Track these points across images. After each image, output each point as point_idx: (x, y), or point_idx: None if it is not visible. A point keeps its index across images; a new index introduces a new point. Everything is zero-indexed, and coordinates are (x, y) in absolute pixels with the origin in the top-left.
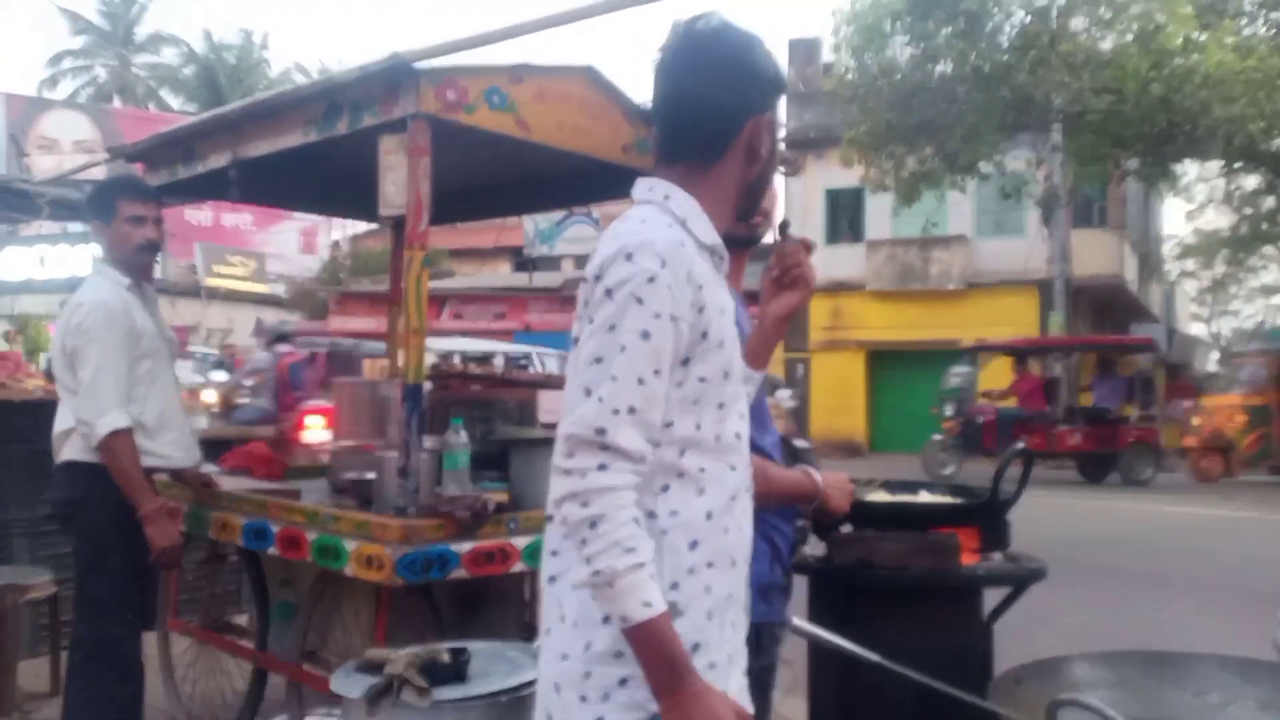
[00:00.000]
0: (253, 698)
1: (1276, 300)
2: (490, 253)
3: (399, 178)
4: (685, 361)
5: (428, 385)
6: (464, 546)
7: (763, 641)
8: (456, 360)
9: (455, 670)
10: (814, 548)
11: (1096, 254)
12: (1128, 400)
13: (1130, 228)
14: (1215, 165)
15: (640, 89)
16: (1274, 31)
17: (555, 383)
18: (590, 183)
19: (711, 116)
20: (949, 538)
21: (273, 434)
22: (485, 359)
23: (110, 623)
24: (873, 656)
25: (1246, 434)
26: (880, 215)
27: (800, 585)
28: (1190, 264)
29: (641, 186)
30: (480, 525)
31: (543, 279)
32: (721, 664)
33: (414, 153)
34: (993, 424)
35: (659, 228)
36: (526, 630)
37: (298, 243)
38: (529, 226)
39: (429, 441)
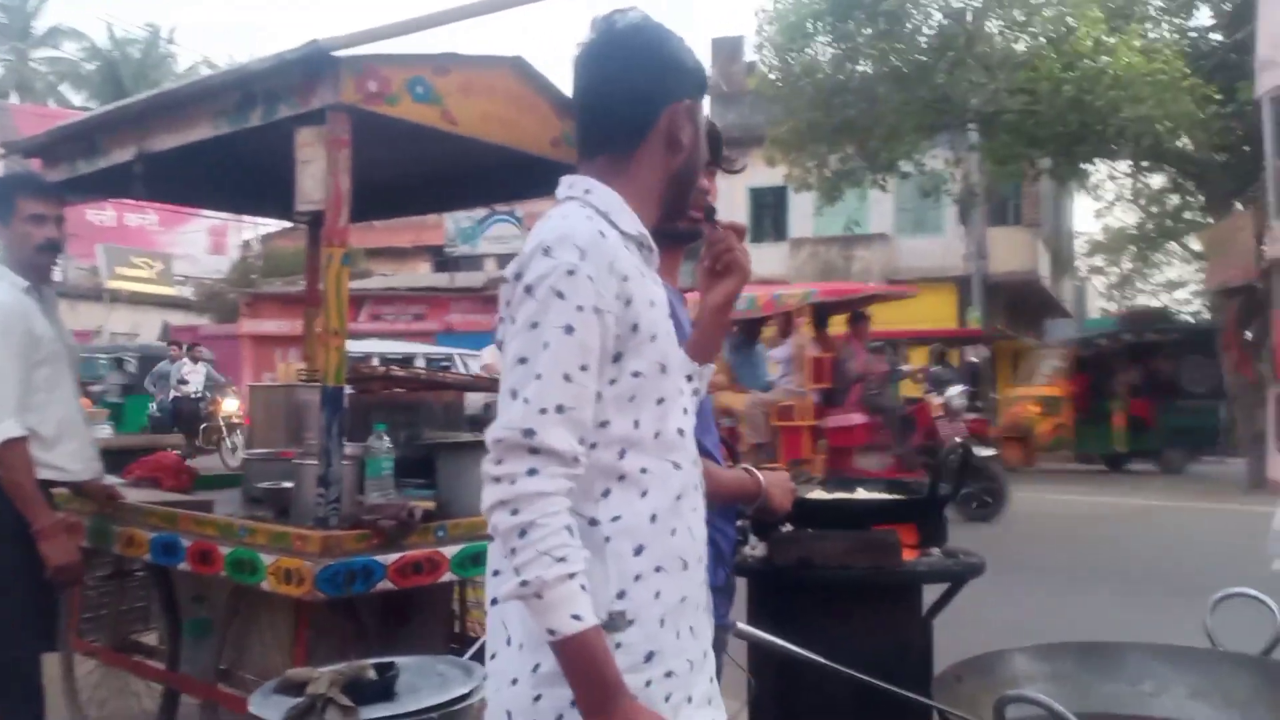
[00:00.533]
0: (163, 719)
1: (1180, 294)
2: (409, 252)
3: (317, 171)
4: (617, 357)
5: (348, 389)
6: (389, 557)
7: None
8: (376, 363)
9: (382, 687)
10: (754, 548)
11: (1012, 251)
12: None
13: (1043, 225)
14: (1124, 165)
15: (568, 81)
16: (1177, 36)
17: (483, 384)
18: (518, 177)
19: (627, 105)
20: (889, 535)
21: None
22: (406, 361)
23: (8, 644)
24: (817, 659)
25: (1042, 423)
26: (803, 214)
27: (739, 587)
28: (1099, 260)
29: (563, 184)
30: (407, 534)
31: (464, 279)
32: (681, 672)
33: (333, 145)
34: None
35: (578, 220)
36: (456, 642)
37: (206, 243)
38: (449, 225)
39: (350, 448)
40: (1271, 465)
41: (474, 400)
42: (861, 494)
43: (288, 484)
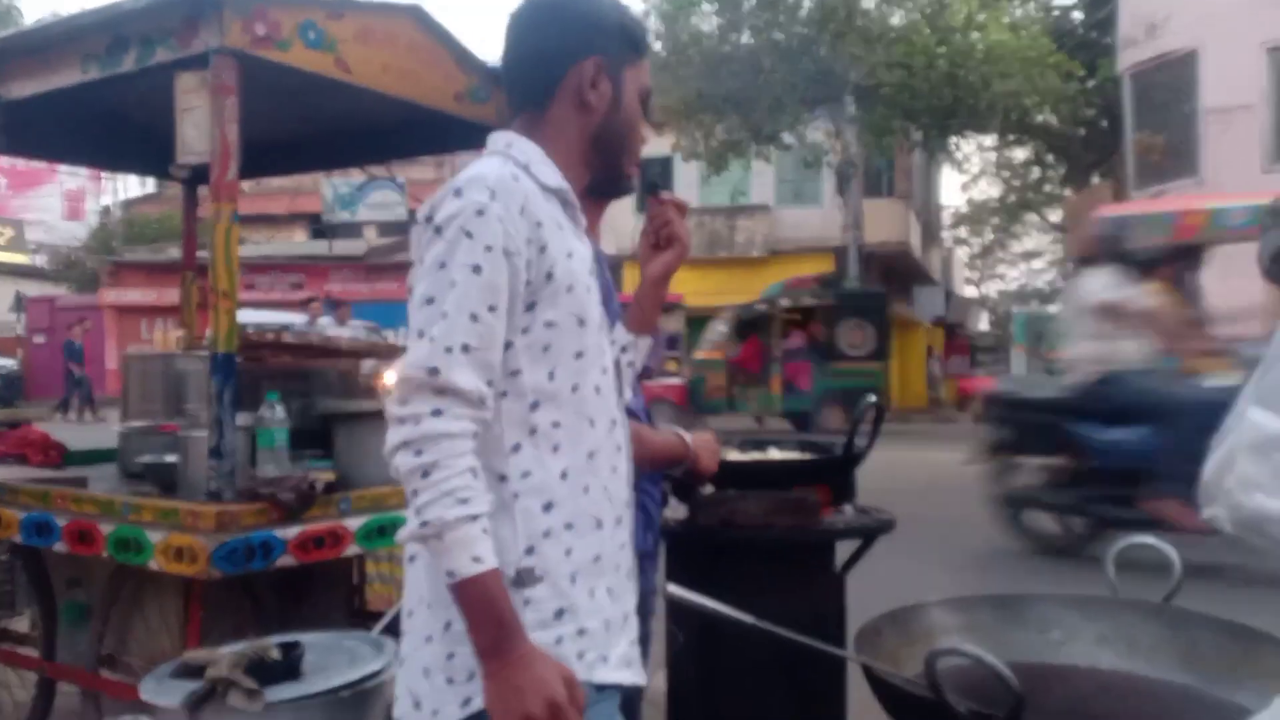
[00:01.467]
0: (38, 711)
1: (1036, 264)
2: (284, 219)
3: (200, 120)
4: (531, 306)
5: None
6: (290, 531)
7: (638, 612)
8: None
9: (288, 667)
10: (675, 511)
11: (885, 222)
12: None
13: (914, 197)
14: (990, 138)
15: (475, 36)
16: (1043, 13)
17: (380, 351)
18: (418, 133)
19: (533, 62)
20: (809, 494)
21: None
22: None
23: None
24: (746, 618)
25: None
26: (690, 184)
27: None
28: (964, 231)
29: (489, 141)
30: (307, 507)
31: (344, 247)
32: (595, 630)
33: (218, 92)
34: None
35: (492, 165)
36: (358, 617)
37: (61, 208)
38: (327, 191)
39: (240, 419)
40: None
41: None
42: (775, 454)
43: (172, 458)
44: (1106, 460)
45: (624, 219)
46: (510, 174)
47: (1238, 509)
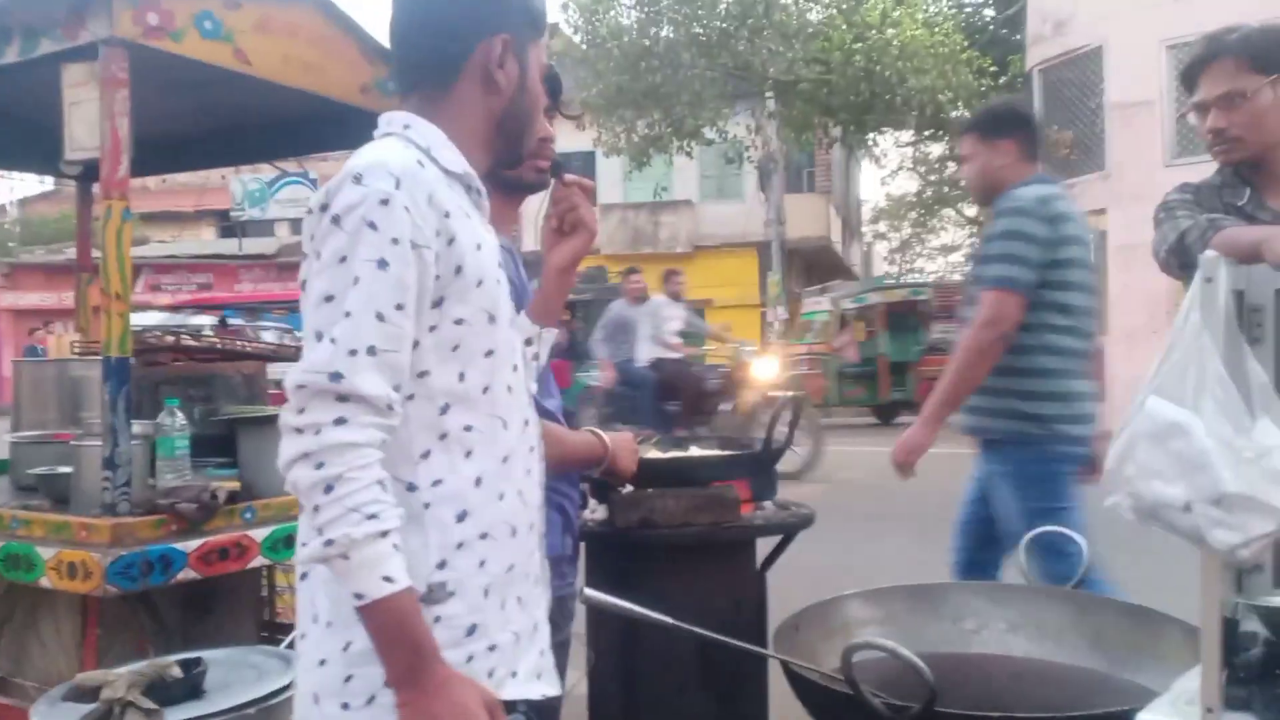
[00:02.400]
0: None
1: (953, 258)
2: (191, 217)
3: (89, 114)
4: (439, 302)
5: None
6: (191, 544)
7: (558, 617)
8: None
9: (189, 685)
10: (593, 511)
11: (807, 217)
12: None
13: (834, 192)
14: (907, 134)
15: (381, 26)
16: (955, 10)
17: (287, 353)
18: (323, 128)
19: (435, 38)
20: (728, 491)
21: None
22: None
23: None
24: (666, 620)
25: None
26: (612, 180)
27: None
28: (883, 226)
29: (382, 121)
30: (209, 518)
31: (254, 245)
32: (505, 644)
33: (109, 84)
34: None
35: (393, 150)
36: (267, 630)
37: None
38: (236, 187)
39: (138, 426)
40: None
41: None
42: (695, 452)
43: (66, 469)
44: None
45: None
46: (415, 159)
47: (1138, 496)
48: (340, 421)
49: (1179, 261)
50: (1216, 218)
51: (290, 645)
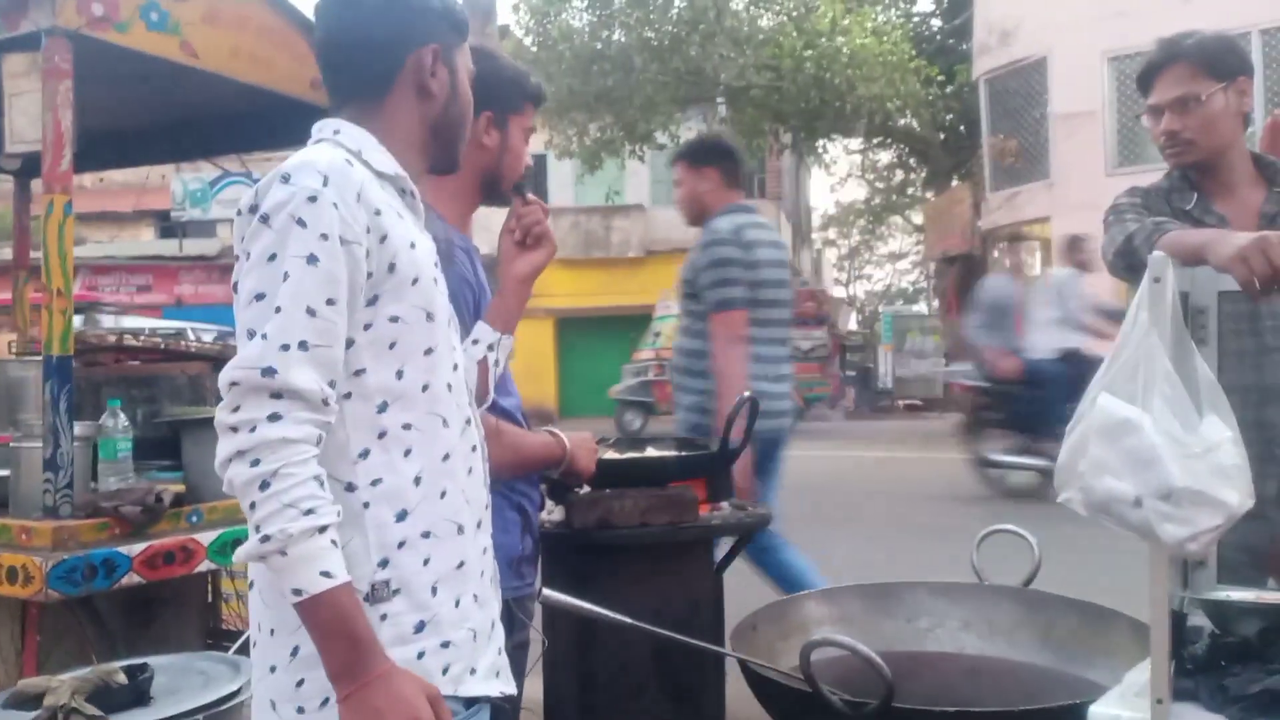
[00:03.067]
0: None
1: (901, 265)
2: (130, 217)
3: (31, 106)
4: (373, 300)
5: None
6: (135, 548)
7: (516, 618)
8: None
9: (135, 692)
10: (550, 513)
11: None
12: None
13: (785, 199)
14: (856, 141)
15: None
16: (903, 19)
17: (230, 354)
18: (272, 123)
19: (366, 51)
20: (686, 491)
21: None
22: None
23: None
24: (624, 619)
25: None
26: (564, 183)
27: None
28: (832, 233)
29: (314, 130)
30: (154, 521)
31: (195, 246)
32: (462, 642)
33: (51, 75)
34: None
35: (322, 151)
36: (214, 637)
37: None
38: (177, 187)
39: (80, 428)
40: None
41: None
42: (652, 452)
43: (3, 471)
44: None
45: (498, 219)
46: (343, 159)
47: (1090, 491)
48: (274, 417)
49: (1125, 263)
50: (1163, 221)
51: (238, 651)
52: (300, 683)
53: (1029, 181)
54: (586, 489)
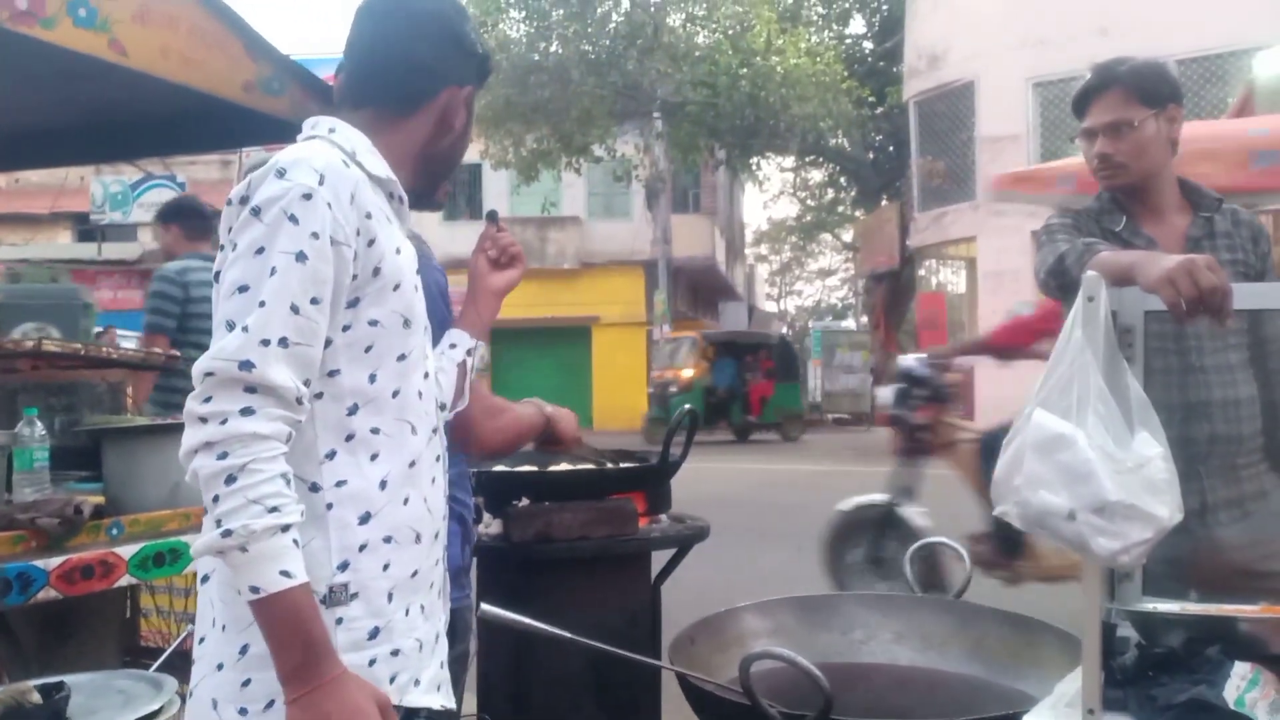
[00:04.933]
0: None
1: (831, 281)
2: (46, 219)
3: None
4: (354, 302)
5: None
6: (52, 561)
7: (456, 630)
8: None
9: (50, 711)
10: (488, 525)
11: (692, 237)
12: None
13: (719, 214)
14: (788, 159)
15: (269, 22)
16: (836, 41)
17: (155, 361)
18: (203, 125)
19: (412, 71)
20: (625, 504)
21: None
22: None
23: None
24: (561, 633)
25: None
26: (499, 193)
27: None
28: (764, 249)
29: (306, 126)
30: (73, 534)
31: (115, 250)
32: (410, 651)
33: None
34: None
35: (318, 149)
36: (134, 654)
37: None
38: (97, 189)
39: None
40: None
41: None
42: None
43: None
44: None
45: (431, 229)
46: (339, 159)
47: (1025, 505)
48: (247, 411)
49: (1057, 282)
50: (1093, 242)
51: (160, 668)
52: (247, 683)
53: (955, 202)
54: (525, 501)
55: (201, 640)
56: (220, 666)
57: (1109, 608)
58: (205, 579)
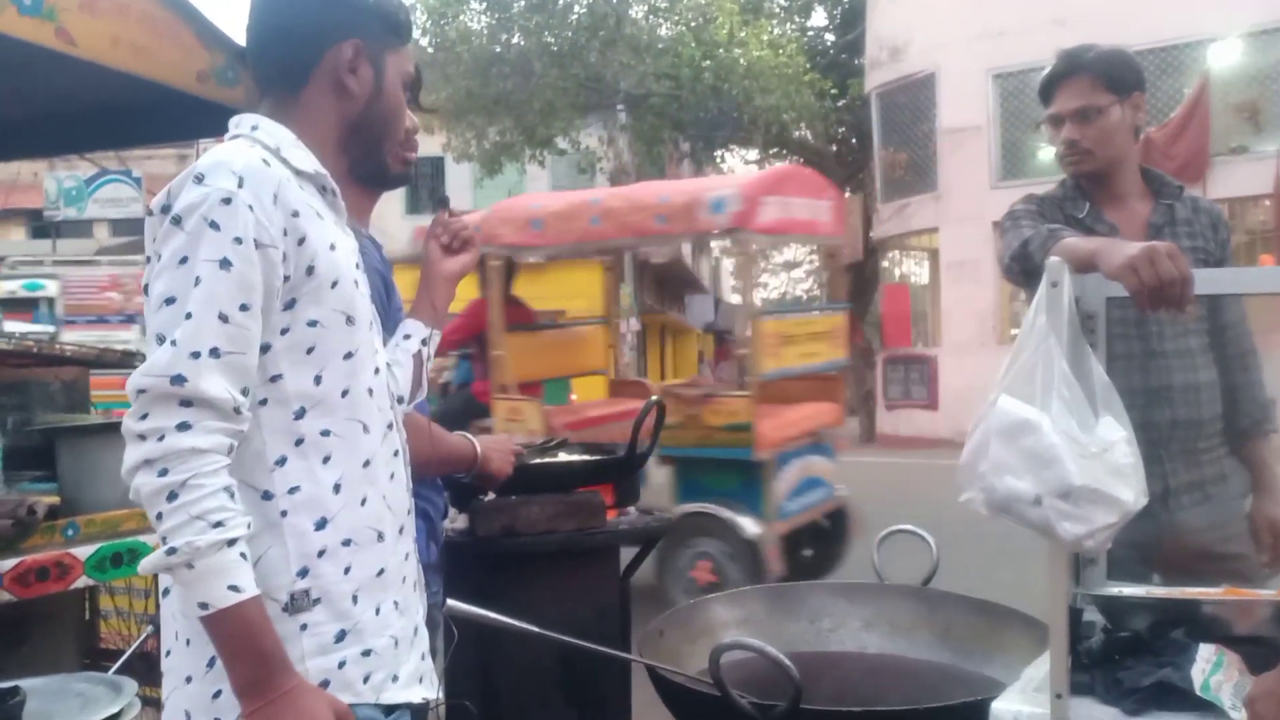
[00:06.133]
0: None
1: (796, 274)
2: None
3: None
4: (291, 304)
5: None
6: (6, 563)
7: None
8: None
9: (5, 716)
10: (454, 520)
11: None
12: None
13: None
14: (752, 152)
15: (223, 9)
16: (799, 33)
17: (111, 359)
18: (155, 117)
19: (285, 42)
20: (593, 497)
21: None
22: None
23: None
24: (530, 628)
25: None
26: (463, 186)
27: None
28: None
29: (230, 124)
30: (26, 535)
31: (70, 247)
32: (383, 650)
33: None
34: None
35: (238, 150)
36: (91, 656)
37: None
38: (50, 185)
39: None
40: (881, 421)
41: None
42: (563, 456)
43: None
44: None
45: (393, 222)
46: (259, 158)
47: (991, 491)
48: (184, 426)
49: (1021, 268)
50: (1057, 228)
51: (119, 671)
52: (217, 694)
53: (918, 193)
54: (492, 495)
55: (168, 653)
56: (189, 679)
57: (1075, 592)
58: (167, 592)
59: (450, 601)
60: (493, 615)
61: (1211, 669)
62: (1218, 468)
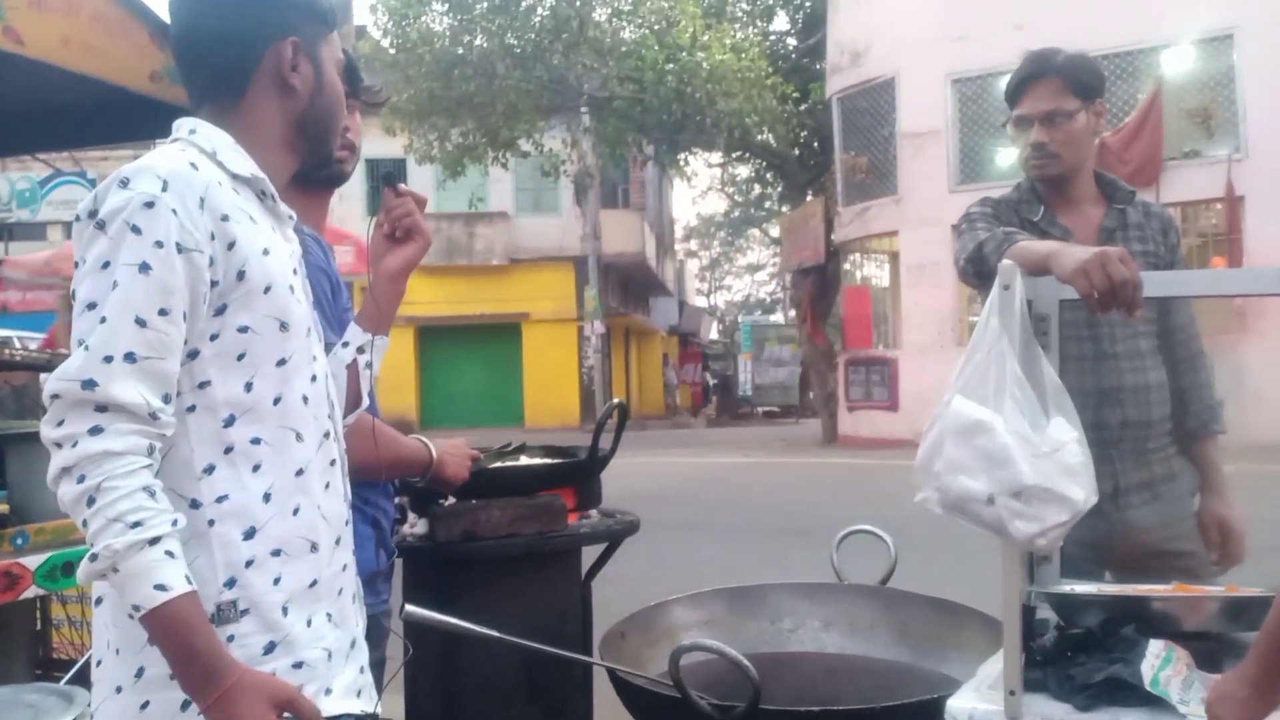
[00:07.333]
0: None
1: (759, 276)
2: None
3: None
4: (221, 310)
5: None
6: None
7: (373, 635)
8: None
9: None
10: (413, 525)
11: (622, 233)
12: None
13: (649, 209)
14: (715, 155)
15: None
16: (761, 38)
17: (59, 363)
18: (108, 117)
19: (222, 48)
20: (554, 500)
21: None
22: None
23: None
24: (490, 633)
25: None
26: (425, 188)
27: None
28: (694, 244)
29: (174, 126)
30: None
31: (23, 250)
32: (316, 662)
33: None
34: None
35: (167, 154)
36: (43, 666)
37: None
38: (3, 186)
39: None
40: (843, 422)
41: None
42: (524, 460)
43: None
44: None
45: (356, 226)
46: (188, 162)
47: (945, 490)
48: (96, 431)
49: (975, 271)
50: (1012, 231)
51: (72, 680)
52: (145, 705)
53: (878, 197)
54: (451, 500)
55: (99, 663)
56: (119, 689)
57: (1028, 590)
58: (99, 601)
59: (409, 607)
60: (453, 621)
61: (1161, 664)
62: (1167, 467)
